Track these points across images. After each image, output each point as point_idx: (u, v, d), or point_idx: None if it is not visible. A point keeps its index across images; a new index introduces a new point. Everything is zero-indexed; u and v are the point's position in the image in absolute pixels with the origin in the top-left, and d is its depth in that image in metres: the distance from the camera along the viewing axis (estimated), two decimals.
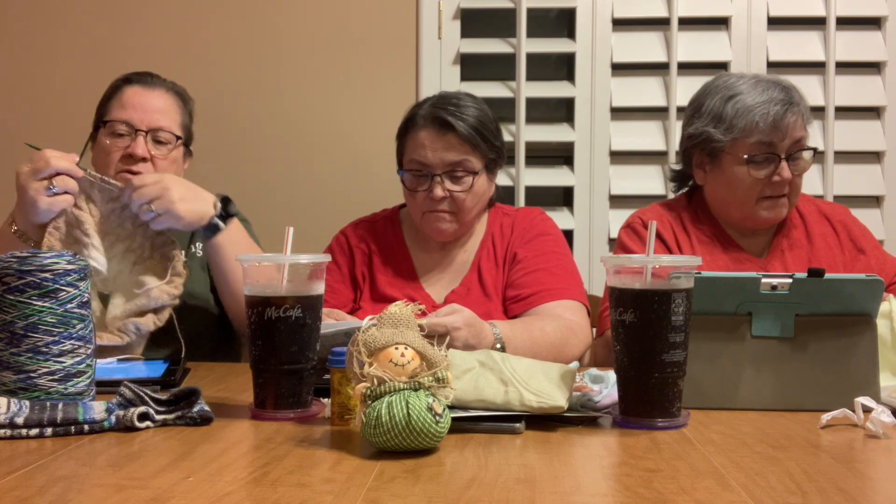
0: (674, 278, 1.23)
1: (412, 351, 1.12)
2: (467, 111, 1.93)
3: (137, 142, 1.94)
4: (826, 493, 0.95)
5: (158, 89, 2.02)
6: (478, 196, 1.97)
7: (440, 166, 1.92)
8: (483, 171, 1.96)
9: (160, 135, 1.97)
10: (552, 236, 2.04)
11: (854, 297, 1.37)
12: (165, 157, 1.98)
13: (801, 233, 2.03)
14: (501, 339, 1.70)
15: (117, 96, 2.00)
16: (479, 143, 1.92)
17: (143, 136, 1.95)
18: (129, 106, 1.97)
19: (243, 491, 0.95)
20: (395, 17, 2.63)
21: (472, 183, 1.93)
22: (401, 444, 1.07)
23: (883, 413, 1.21)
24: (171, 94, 2.04)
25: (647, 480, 0.99)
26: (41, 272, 1.27)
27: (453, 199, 1.94)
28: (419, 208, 1.97)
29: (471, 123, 1.91)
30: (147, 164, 1.96)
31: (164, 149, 1.98)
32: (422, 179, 1.94)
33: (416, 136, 1.94)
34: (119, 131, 1.96)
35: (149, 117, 1.97)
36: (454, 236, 2.02)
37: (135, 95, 1.99)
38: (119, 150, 1.95)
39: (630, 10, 2.61)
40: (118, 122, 1.96)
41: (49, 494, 0.93)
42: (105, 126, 1.98)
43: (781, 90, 1.92)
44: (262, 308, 1.29)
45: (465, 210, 1.95)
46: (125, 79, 2.03)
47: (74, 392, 1.29)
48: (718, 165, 1.96)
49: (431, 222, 1.96)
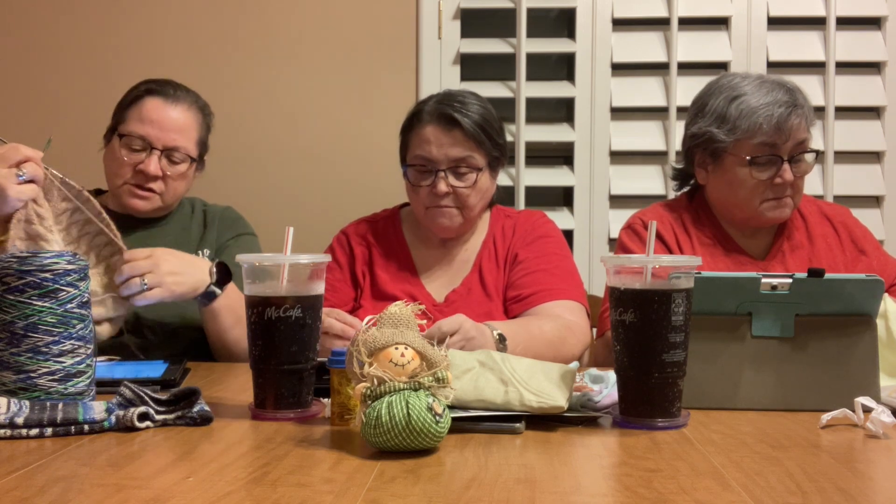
0: (674, 278, 1.23)
1: (412, 351, 1.12)
2: (472, 108, 1.94)
3: (151, 160, 1.93)
4: (826, 493, 0.95)
5: (181, 105, 1.99)
6: (480, 193, 1.97)
7: (445, 162, 1.93)
8: (486, 169, 1.97)
9: (175, 155, 1.96)
10: (553, 238, 2.05)
11: (854, 297, 1.37)
12: (177, 177, 1.97)
13: (802, 234, 2.03)
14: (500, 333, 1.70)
15: (137, 106, 1.97)
16: (484, 140, 1.94)
17: (157, 154, 1.94)
18: (148, 121, 1.95)
19: (243, 491, 0.95)
20: (395, 17, 2.63)
21: (475, 179, 1.94)
22: (401, 444, 1.07)
23: (883, 413, 1.21)
24: (193, 109, 2.01)
25: (647, 480, 0.99)
26: (41, 272, 1.27)
27: (457, 194, 1.94)
28: (422, 203, 1.97)
29: (475, 120, 1.93)
30: (158, 183, 1.95)
31: (177, 169, 1.97)
32: (426, 175, 1.95)
33: (422, 131, 1.95)
34: (135, 146, 1.94)
35: (165, 136, 1.94)
36: (457, 233, 2.02)
37: (155, 109, 1.96)
38: (132, 163, 1.94)
39: (630, 10, 2.61)
40: (134, 137, 1.94)
41: (49, 494, 0.93)
42: (122, 138, 1.96)
43: (786, 92, 1.91)
44: (262, 308, 1.29)
45: (468, 206, 1.96)
46: (147, 89, 1.99)
47: (74, 392, 1.29)
48: (720, 166, 1.96)
49: (435, 217, 1.97)
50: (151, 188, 1.96)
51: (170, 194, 2.00)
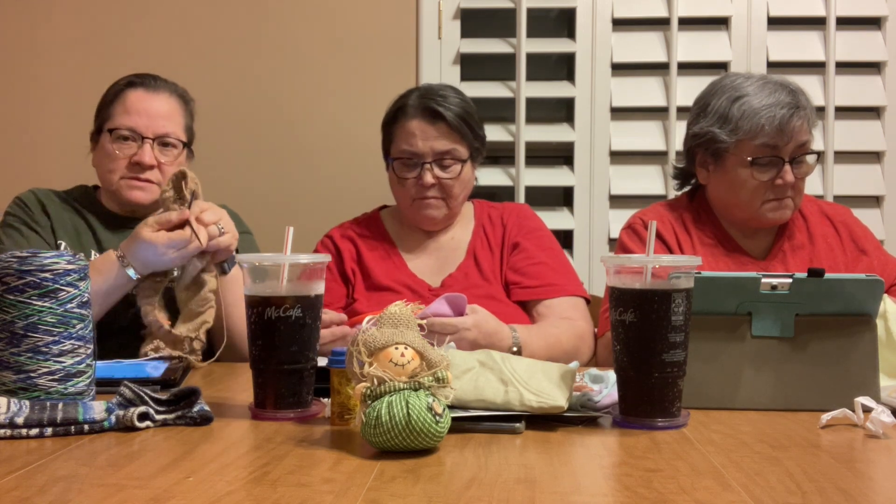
0: (674, 278, 1.23)
1: (412, 351, 1.12)
2: (453, 102, 2.02)
3: (144, 150, 1.95)
4: (826, 493, 0.95)
5: (162, 93, 2.01)
6: (464, 183, 2.05)
7: (430, 154, 2.00)
8: (469, 160, 2.04)
9: (166, 142, 1.98)
10: (546, 232, 2.15)
11: (854, 297, 1.36)
12: (171, 163, 1.98)
13: (803, 234, 2.03)
14: (519, 342, 1.79)
15: (120, 100, 1.99)
16: (466, 132, 2.02)
17: (149, 143, 1.95)
18: (134, 112, 1.97)
19: (243, 491, 0.94)
20: (395, 17, 2.63)
21: (460, 171, 2.02)
22: (401, 444, 1.07)
23: (883, 413, 1.20)
24: (175, 97, 2.04)
25: (647, 480, 0.99)
26: (41, 272, 1.27)
27: (442, 185, 2.02)
28: (409, 196, 2.04)
29: (458, 113, 2.01)
30: (154, 171, 1.97)
31: (170, 154, 1.99)
32: (411, 167, 2.02)
33: (406, 125, 2.01)
34: (125, 136, 1.96)
35: (154, 124, 1.96)
36: (443, 224, 2.09)
37: (138, 100, 1.98)
38: (125, 156, 1.96)
39: (630, 10, 2.62)
40: (123, 129, 1.96)
41: (49, 494, 0.93)
42: (110, 133, 1.97)
43: (789, 93, 1.91)
44: (262, 308, 1.29)
45: (452, 196, 2.04)
46: (128, 82, 2.02)
47: (74, 392, 1.29)
48: (722, 166, 1.96)
49: (421, 209, 2.04)
50: (148, 178, 1.97)
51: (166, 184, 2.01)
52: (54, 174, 2.40)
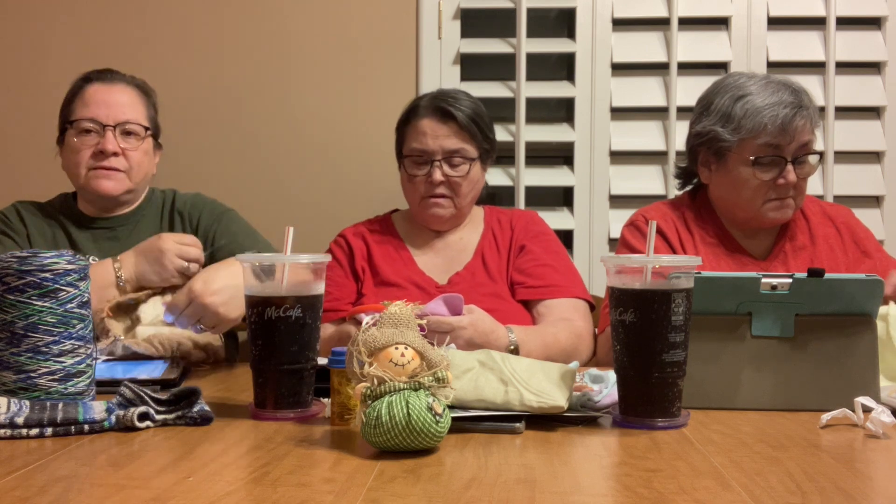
0: (674, 278, 1.23)
1: (412, 351, 1.12)
2: (465, 103, 2.08)
3: (107, 137, 1.97)
4: (826, 493, 0.95)
5: (119, 84, 2.04)
6: (472, 183, 2.09)
7: (440, 152, 2.04)
8: (478, 160, 2.08)
9: (128, 127, 2.00)
10: (552, 237, 2.18)
11: (854, 297, 1.37)
12: (136, 149, 2.00)
13: (805, 235, 2.03)
14: (516, 342, 1.81)
15: (80, 95, 2.02)
16: (476, 132, 2.06)
17: (111, 130, 1.97)
18: (93, 103, 1.99)
19: (243, 491, 0.95)
20: (395, 17, 2.63)
21: (468, 170, 2.06)
22: (401, 444, 1.07)
23: (883, 413, 1.21)
24: (133, 87, 2.06)
25: (647, 480, 0.99)
26: (41, 272, 1.27)
27: (450, 184, 2.05)
28: (418, 193, 2.08)
29: (468, 114, 2.06)
30: (119, 158, 1.99)
31: (133, 141, 2.00)
32: (421, 165, 2.06)
33: (418, 124, 2.06)
34: (86, 128, 1.98)
35: (115, 112, 1.99)
36: (450, 223, 2.13)
37: (97, 93, 2.01)
38: (89, 147, 1.98)
39: (630, 10, 2.61)
40: (85, 120, 1.98)
41: (49, 494, 0.93)
42: (72, 126, 1.99)
43: (791, 93, 1.91)
44: (262, 308, 1.29)
45: (461, 195, 2.07)
46: (85, 78, 2.05)
47: (74, 392, 1.29)
48: (724, 165, 1.97)
49: (429, 208, 2.07)
50: (114, 166, 1.98)
51: (135, 172, 2.02)
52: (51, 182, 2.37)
